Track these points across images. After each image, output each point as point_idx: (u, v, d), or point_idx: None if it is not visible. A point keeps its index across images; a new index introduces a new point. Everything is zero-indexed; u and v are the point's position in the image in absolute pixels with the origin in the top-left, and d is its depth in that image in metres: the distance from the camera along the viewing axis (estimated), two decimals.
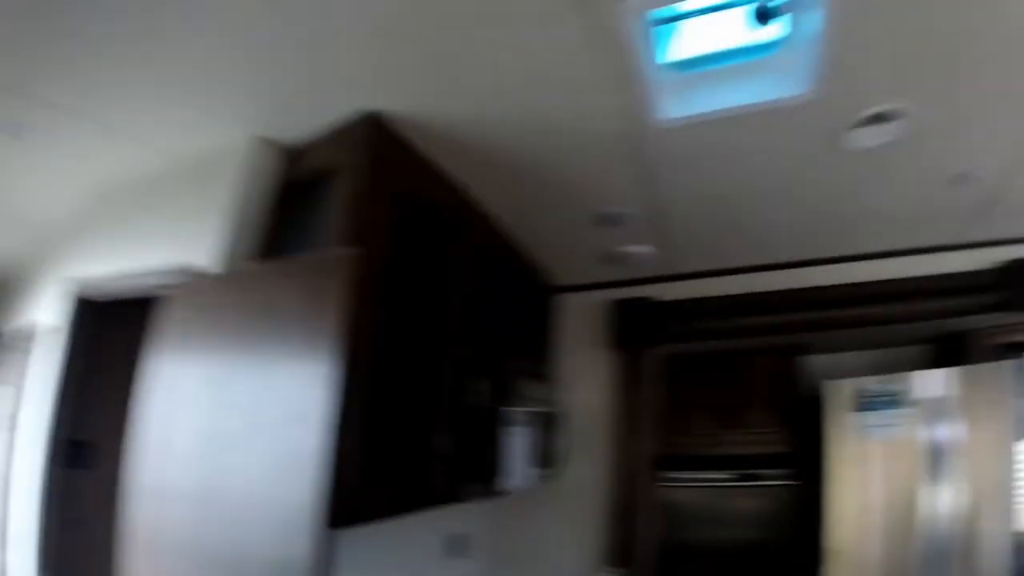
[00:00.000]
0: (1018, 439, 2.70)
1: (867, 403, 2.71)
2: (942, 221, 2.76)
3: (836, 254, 2.98)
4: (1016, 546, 2.64)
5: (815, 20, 1.51)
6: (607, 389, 3.11)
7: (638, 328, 3.04)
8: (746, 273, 3.02)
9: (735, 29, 1.70)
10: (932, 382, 2.70)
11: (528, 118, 1.78)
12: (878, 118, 1.86)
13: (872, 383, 2.74)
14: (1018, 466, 2.65)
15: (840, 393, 2.76)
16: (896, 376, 2.74)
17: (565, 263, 2.98)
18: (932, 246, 2.97)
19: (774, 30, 1.66)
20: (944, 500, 2.61)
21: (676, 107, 1.79)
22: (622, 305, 3.12)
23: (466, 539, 2.79)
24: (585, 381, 3.13)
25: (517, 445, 2.28)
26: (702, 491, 3.30)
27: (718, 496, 3.36)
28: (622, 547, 2.89)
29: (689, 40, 1.74)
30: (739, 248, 2.87)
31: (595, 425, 3.07)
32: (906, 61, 1.64)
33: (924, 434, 2.64)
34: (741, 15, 1.66)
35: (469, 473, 1.95)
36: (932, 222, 2.76)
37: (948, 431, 2.64)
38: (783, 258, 2.98)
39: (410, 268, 1.77)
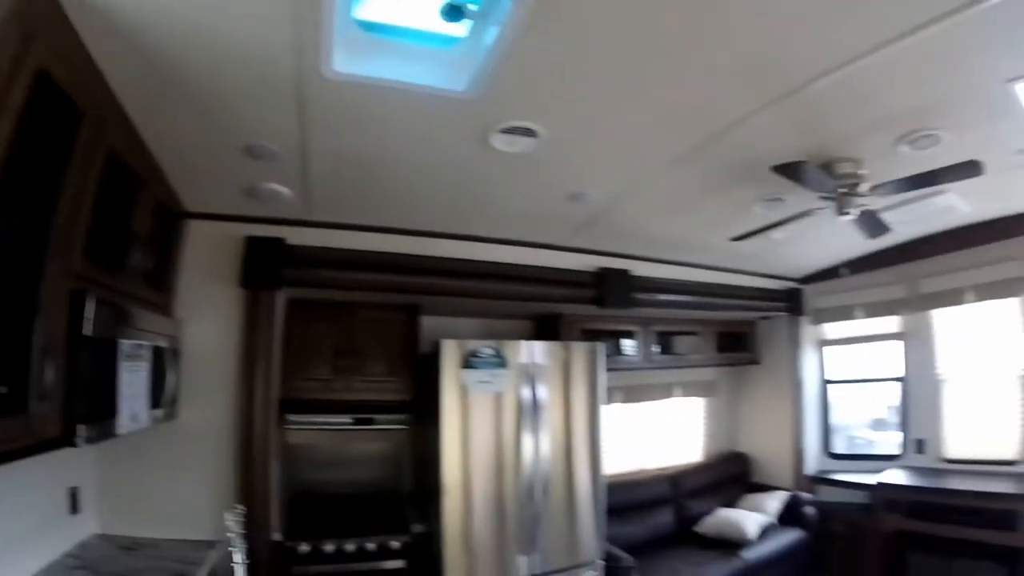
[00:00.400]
0: (601, 403, 3.71)
1: (476, 362, 3.27)
2: (557, 226, 3.47)
3: (466, 233, 3.48)
4: (602, 486, 3.65)
5: (492, 34, 1.78)
6: (233, 328, 3.04)
7: (268, 268, 3.03)
8: (381, 233, 3.28)
9: (425, 14, 1.82)
10: (531, 351, 3.44)
11: (199, 28, 1.63)
12: (518, 130, 2.27)
13: (482, 345, 3.31)
14: (603, 424, 3.68)
15: (454, 351, 3.24)
16: (502, 342, 3.39)
17: (203, 189, 2.79)
18: (546, 244, 3.73)
19: (458, 28, 1.86)
20: (540, 447, 3.40)
21: (347, 63, 1.84)
22: (254, 243, 3.04)
23: (77, 492, 2.46)
24: (211, 318, 2.99)
25: (135, 382, 2.12)
26: (325, 435, 3.56)
27: (340, 440, 3.66)
28: (248, 489, 2.93)
29: (379, 5, 1.82)
30: (378, 208, 3.11)
31: (220, 365, 3.00)
32: (547, 95, 2.08)
33: (523, 392, 3.37)
34: (435, 3, 1.77)
35: (81, 413, 1.76)
36: (550, 225, 3.45)
37: (542, 391, 3.43)
38: (418, 226, 3.34)
39: (29, 158, 1.49)
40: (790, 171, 2.56)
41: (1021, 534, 4.00)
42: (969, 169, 2.58)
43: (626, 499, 4.54)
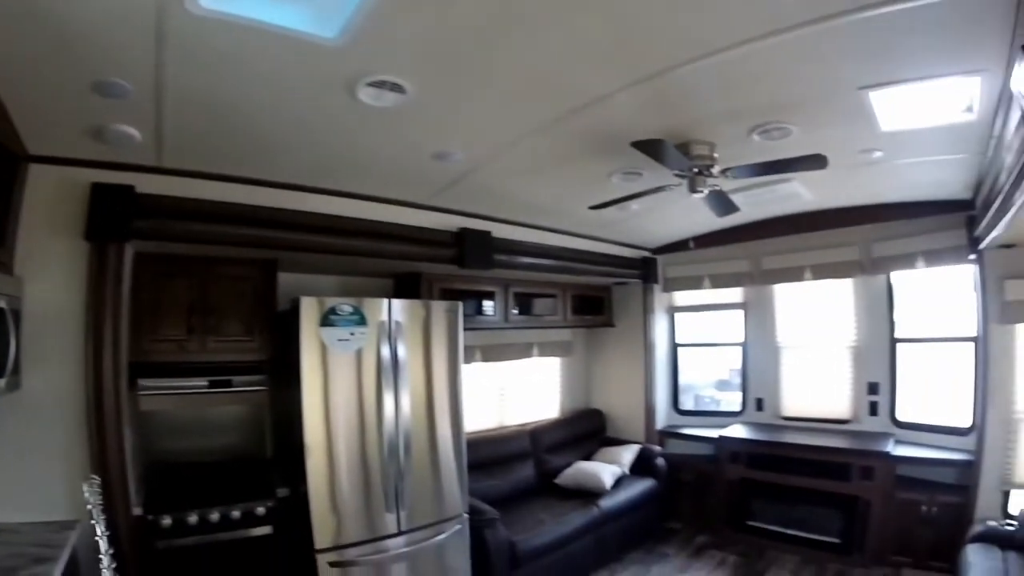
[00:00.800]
0: (461, 361, 3.89)
1: (335, 320, 3.32)
2: (421, 185, 3.61)
3: (328, 187, 3.50)
4: (463, 442, 3.84)
5: None
6: (79, 286, 2.84)
7: (116, 219, 2.86)
8: (239, 184, 3.21)
9: None
10: (391, 309, 3.53)
11: None
12: (386, 85, 2.33)
13: (341, 303, 3.36)
14: (463, 382, 3.87)
15: (313, 309, 3.26)
16: (362, 300, 3.45)
17: (47, 129, 2.58)
18: (409, 202, 3.86)
19: None
20: (401, 405, 3.51)
21: None
22: (100, 190, 2.85)
23: None
24: (54, 275, 2.79)
25: None
26: (181, 400, 3.40)
27: (198, 404, 3.54)
28: (102, 463, 2.79)
29: None
30: (237, 157, 3.03)
31: (66, 327, 2.81)
32: (417, 51, 2.14)
33: (383, 350, 3.46)
34: None
35: None
36: (413, 183, 3.59)
37: (402, 350, 3.54)
38: (279, 178, 3.30)
39: None
40: (648, 148, 2.81)
41: (854, 484, 4.80)
42: (815, 162, 2.96)
43: (489, 455, 4.87)
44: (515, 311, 5.11)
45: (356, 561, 3.23)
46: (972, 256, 4.41)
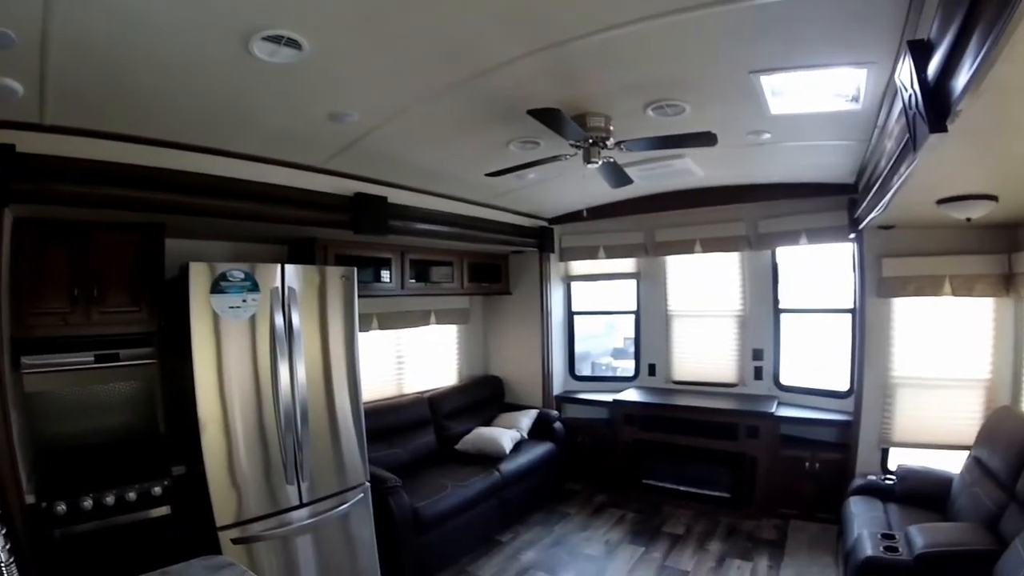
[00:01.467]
0: (357, 329, 3.83)
1: (226, 286, 3.18)
2: (316, 147, 3.50)
3: (220, 147, 3.31)
4: (361, 410, 3.81)
5: None
6: None
7: None
8: (125, 142, 2.96)
9: None
10: (285, 275, 3.43)
11: None
12: (282, 40, 2.24)
13: (232, 268, 3.22)
14: (359, 349, 3.71)
15: (202, 275, 3.12)
16: (254, 265, 3.33)
17: None
18: (304, 164, 3.73)
19: None
20: (296, 374, 3.43)
21: None
22: None
23: None
24: None
25: None
26: (68, 378, 3.15)
27: (85, 382, 3.31)
28: None
29: None
30: (125, 114, 2.81)
31: None
32: (316, 7, 2.07)
33: (277, 318, 3.36)
34: None
35: None
36: (308, 145, 3.47)
37: (297, 317, 3.45)
38: (168, 137, 3.09)
39: None
40: (544, 116, 2.85)
41: (741, 442, 5.24)
42: (705, 139, 3.12)
43: (389, 423, 4.90)
44: (412, 278, 5.10)
45: (259, 536, 3.16)
46: (852, 235, 4.89)
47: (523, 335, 6.38)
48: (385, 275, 4.84)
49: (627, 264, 6.38)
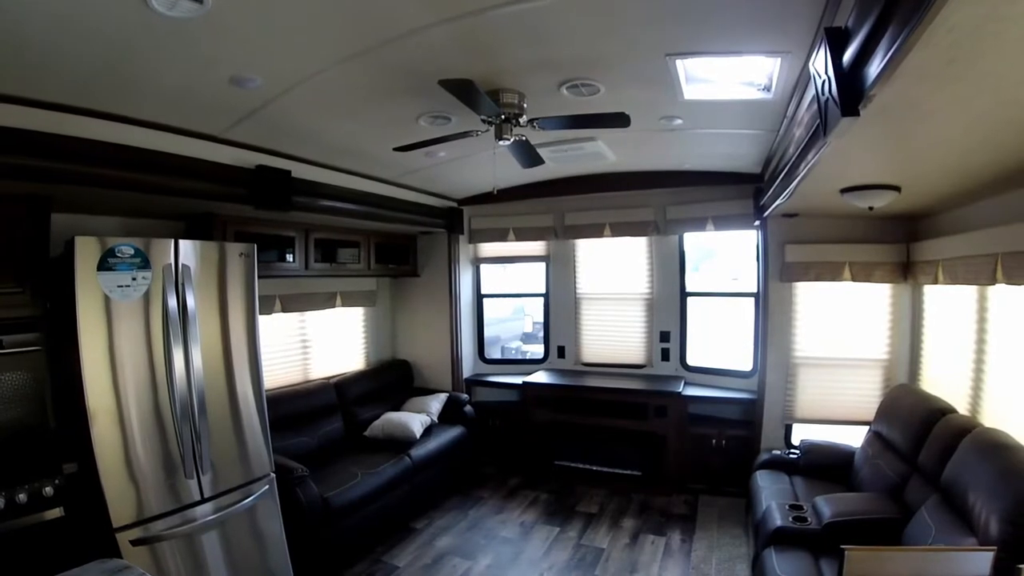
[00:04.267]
0: (257, 310, 3.64)
1: (114, 263, 2.95)
2: (216, 114, 3.31)
3: (112, 111, 3.04)
4: (263, 397, 3.63)
5: None
6: None
7: None
8: (6, 103, 2.66)
9: None
10: (179, 251, 3.22)
11: None
12: None
13: (121, 243, 2.99)
14: (261, 333, 3.59)
15: (90, 251, 2.88)
16: (147, 240, 3.11)
17: None
18: (203, 133, 3.51)
19: None
20: (193, 358, 3.23)
21: None
22: None
23: None
24: None
25: None
26: None
27: None
28: None
29: None
30: (11, 74, 2.54)
31: None
32: None
33: (172, 298, 3.15)
34: None
35: None
36: (207, 112, 3.27)
37: (193, 297, 3.25)
38: (53, 98, 2.80)
39: None
40: (456, 88, 2.79)
41: (650, 421, 5.46)
42: (618, 120, 3.14)
43: (295, 410, 4.76)
44: (317, 259, 4.93)
45: (161, 536, 2.98)
46: (757, 223, 5.18)
47: (432, 318, 6.35)
48: (289, 255, 4.65)
49: (537, 247, 6.47)
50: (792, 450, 4.78)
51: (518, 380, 6.08)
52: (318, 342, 5.56)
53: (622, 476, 5.62)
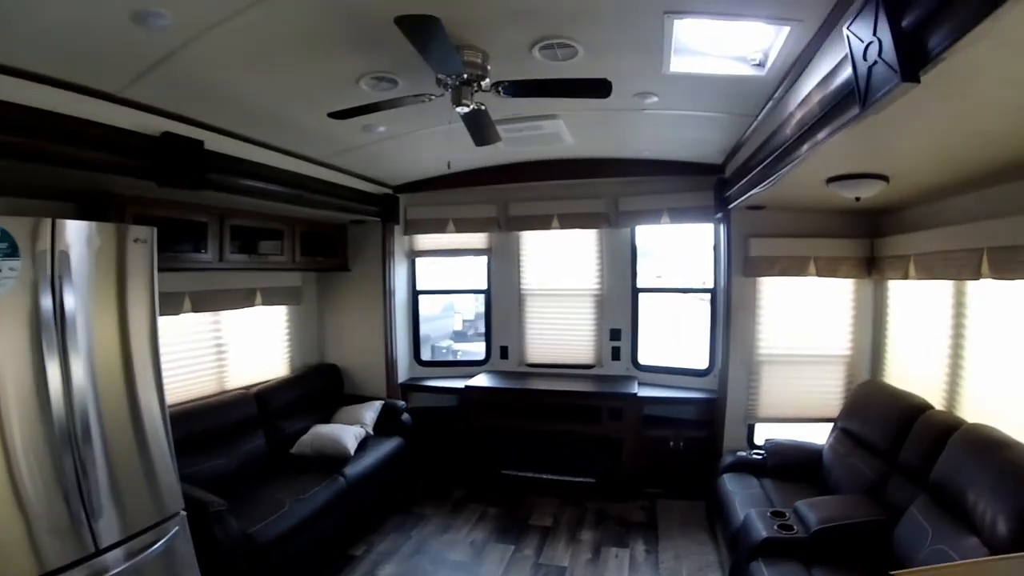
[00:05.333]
0: (159, 308, 2.88)
1: None
2: (114, 64, 2.61)
3: None
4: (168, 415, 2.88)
5: None
6: None
7: None
8: None
9: None
10: (60, 235, 2.44)
11: None
12: None
13: None
14: (162, 335, 2.83)
15: None
16: (17, 220, 2.32)
17: None
18: (97, 89, 2.77)
19: None
20: (70, 373, 2.45)
21: None
22: None
23: None
24: None
25: None
26: None
27: None
28: None
29: None
30: None
31: None
32: None
33: (43, 295, 2.36)
34: None
35: None
36: (104, 60, 2.57)
37: (76, 295, 2.47)
38: None
39: None
40: (416, 27, 2.19)
41: (604, 425, 5.06)
42: (599, 88, 2.70)
43: (209, 426, 4.00)
44: (234, 250, 4.18)
45: None
46: (719, 216, 4.90)
47: (364, 317, 5.65)
48: (201, 244, 3.90)
49: (479, 239, 5.92)
50: (756, 450, 4.54)
51: (459, 384, 5.54)
52: (235, 346, 4.76)
53: (575, 484, 5.20)
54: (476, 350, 6.19)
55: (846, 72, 2.02)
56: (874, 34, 1.71)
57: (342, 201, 4.86)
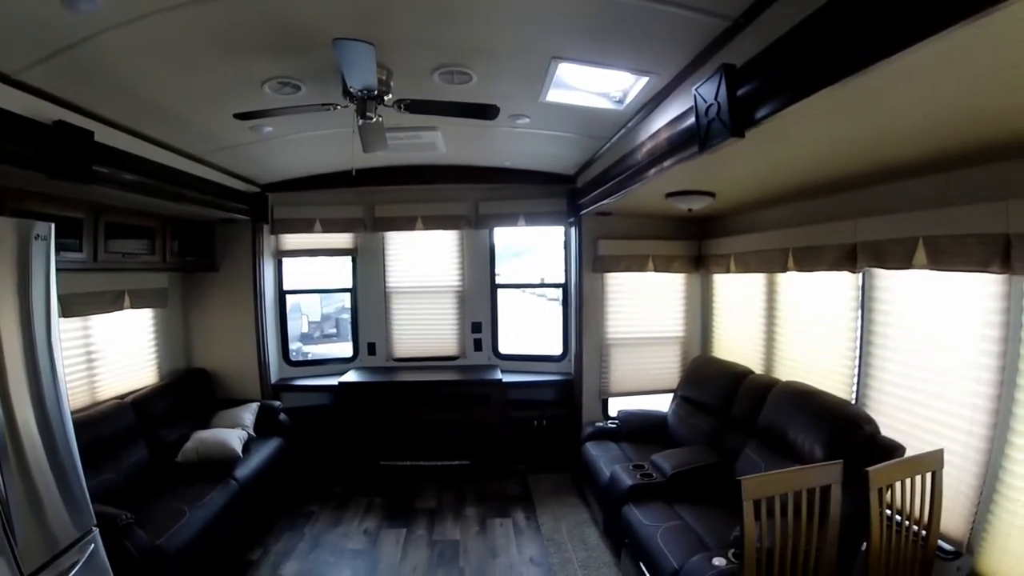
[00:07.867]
0: (55, 312, 2.47)
1: None
2: (18, 43, 2.27)
3: None
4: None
5: None
6: None
7: None
8: None
9: None
10: None
11: None
12: None
13: None
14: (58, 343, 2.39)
15: None
16: None
17: None
18: None
19: None
20: None
21: None
22: None
23: None
24: None
25: None
26: None
27: None
28: None
29: None
30: None
31: None
32: None
33: None
34: None
35: None
36: (10, 38, 2.20)
37: None
38: None
39: None
40: (351, 51, 2.21)
41: (473, 411, 5.25)
42: (488, 111, 2.94)
43: (89, 440, 3.40)
44: (108, 248, 3.70)
45: None
46: (571, 220, 5.33)
47: (234, 318, 5.23)
48: (75, 242, 3.41)
49: (344, 239, 5.76)
50: (612, 420, 5.01)
51: (329, 381, 5.38)
52: (106, 354, 4.18)
53: (452, 468, 5.31)
54: (325, 351, 6.02)
55: (690, 120, 2.45)
56: (715, 98, 2.16)
57: (215, 199, 4.46)
